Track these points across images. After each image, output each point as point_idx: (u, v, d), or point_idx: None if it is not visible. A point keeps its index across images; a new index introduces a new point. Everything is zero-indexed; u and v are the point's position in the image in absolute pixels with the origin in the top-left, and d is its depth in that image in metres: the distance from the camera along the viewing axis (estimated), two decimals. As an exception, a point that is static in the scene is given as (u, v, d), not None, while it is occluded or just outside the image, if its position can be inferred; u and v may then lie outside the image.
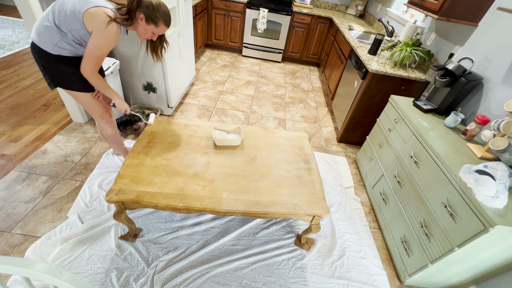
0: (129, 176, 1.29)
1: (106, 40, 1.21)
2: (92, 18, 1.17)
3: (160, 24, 1.26)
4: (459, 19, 1.83)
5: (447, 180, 1.29)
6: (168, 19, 1.29)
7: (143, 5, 1.21)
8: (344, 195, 2.04)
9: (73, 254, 1.41)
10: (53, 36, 1.23)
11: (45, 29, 1.22)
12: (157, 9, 1.22)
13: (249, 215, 1.29)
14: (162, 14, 1.24)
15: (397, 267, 1.59)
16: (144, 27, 1.26)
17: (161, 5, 1.24)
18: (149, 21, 1.24)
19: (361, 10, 4.03)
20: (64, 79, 1.37)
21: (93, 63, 1.25)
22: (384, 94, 2.22)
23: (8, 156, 1.92)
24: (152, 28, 1.27)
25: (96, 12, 1.16)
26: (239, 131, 1.66)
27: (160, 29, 1.29)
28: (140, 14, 1.22)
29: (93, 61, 1.25)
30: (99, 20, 1.16)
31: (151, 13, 1.22)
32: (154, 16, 1.23)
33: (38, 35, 1.24)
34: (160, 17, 1.24)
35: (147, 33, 1.30)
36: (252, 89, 3.37)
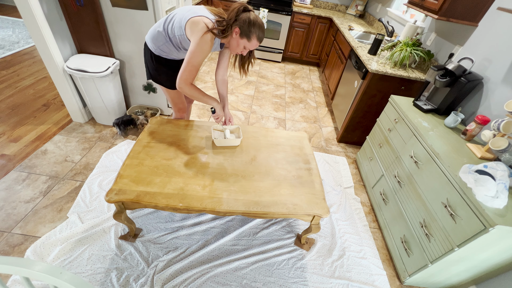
0: (129, 176, 1.29)
1: (200, 48, 1.26)
2: (193, 25, 1.26)
3: (253, 39, 1.30)
4: (459, 19, 1.83)
5: (447, 180, 1.29)
6: (261, 35, 1.31)
7: (241, 20, 1.25)
8: (344, 195, 2.04)
9: (73, 254, 1.41)
10: (159, 40, 1.39)
11: (156, 33, 1.39)
12: (253, 24, 1.26)
13: (249, 215, 1.29)
14: (256, 29, 1.27)
15: (397, 267, 1.59)
16: (237, 41, 1.31)
17: (257, 21, 1.27)
18: (243, 35, 1.28)
19: (361, 10, 4.03)
20: (157, 75, 1.56)
21: (188, 71, 1.31)
22: (384, 94, 2.22)
23: (8, 156, 1.92)
24: (245, 43, 1.31)
25: (197, 20, 1.25)
26: (238, 131, 1.66)
27: (251, 44, 1.32)
28: (235, 28, 1.27)
29: (188, 69, 1.30)
30: (197, 28, 1.25)
31: (247, 28, 1.26)
32: (248, 31, 1.27)
33: (150, 36, 1.43)
34: (254, 33, 1.27)
35: (239, 47, 1.34)
36: (252, 89, 3.37)
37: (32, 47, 3.50)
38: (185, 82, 1.33)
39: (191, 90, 1.37)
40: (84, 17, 1.91)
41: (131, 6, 1.87)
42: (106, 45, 2.07)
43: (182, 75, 1.31)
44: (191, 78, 1.33)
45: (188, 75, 1.32)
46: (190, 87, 1.36)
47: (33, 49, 3.47)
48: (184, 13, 1.29)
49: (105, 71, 1.97)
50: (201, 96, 1.43)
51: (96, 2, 1.84)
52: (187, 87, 1.35)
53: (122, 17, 1.94)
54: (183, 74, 1.31)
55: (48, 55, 1.89)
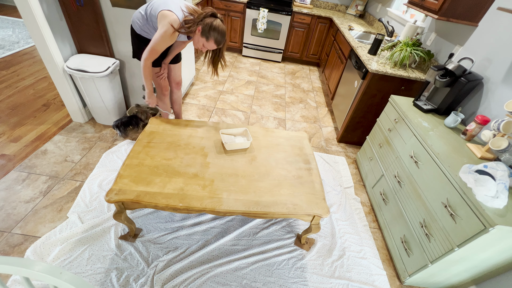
0: (129, 176, 1.29)
1: (161, 39, 1.49)
2: (161, 17, 1.46)
3: (211, 41, 1.51)
4: (459, 19, 1.83)
5: (447, 180, 1.29)
6: (219, 39, 1.51)
7: (205, 22, 1.47)
8: (344, 195, 2.04)
9: (73, 254, 1.41)
10: (141, 21, 1.60)
11: (139, 15, 1.60)
12: (213, 29, 1.47)
13: (249, 215, 1.29)
14: (215, 33, 1.48)
15: (397, 267, 1.59)
16: (198, 38, 1.52)
17: (219, 27, 1.48)
18: (203, 35, 1.48)
19: (361, 10, 4.03)
20: (139, 53, 1.72)
21: (149, 53, 1.54)
22: (384, 94, 2.22)
23: (8, 156, 1.92)
24: (203, 41, 1.51)
25: (165, 14, 1.45)
26: (246, 134, 1.66)
27: (209, 44, 1.53)
28: (198, 27, 1.48)
29: (149, 51, 1.53)
30: (163, 22, 1.45)
31: (207, 30, 1.47)
32: (208, 33, 1.47)
33: (135, 17, 1.63)
34: (212, 36, 1.48)
35: (199, 44, 1.54)
36: (252, 89, 3.37)
37: (32, 47, 3.50)
38: (145, 61, 1.57)
39: (145, 68, 1.61)
40: (84, 17, 1.91)
41: (131, 6, 1.87)
42: (106, 45, 2.07)
43: (145, 54, 1.55)
44: (150, 58, 1.57)
45: (149, 56, 1.55)
46: (147, 67, 1.61)
47: (33, 49, 3.47)
48: (159, 3, 1.49)
49: (105, 71, 1.97)
50: (147, 77, 1.66)
51: (96, 2, 1.84)
52: (145, 66, 1.60)
53: (122, 17, 1.94)
54: (145, 53, 1.55)
55: (48, 55, 1.89)
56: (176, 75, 2.05)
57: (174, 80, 2.07)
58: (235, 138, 1.67)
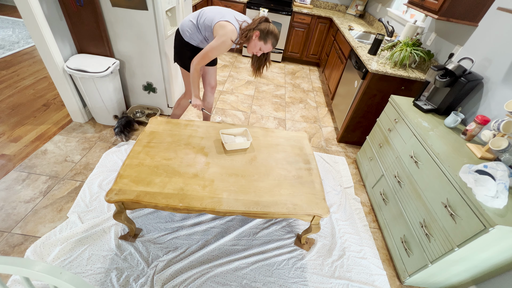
0: (129, 176, 1.29)
1: (218, 48, 1.57)
2: (219, 28, 1.54)
3: (268, 43, 1.58)
4: (459, 19, 1.83)
5: (447, 180, 1.29)
6: (275, 42, 1.60)
7: (261, 26, 1.55)
8: (344, 195, 2.04)
9: (73, 254, 1.41)
10: (192, 29, 1.66)
11: (189, 23, 1.66)
12: (271, 32, 1.56)
13: (249, 215, 1.29)
14: (272, 37, 1.57)
15: (397, 267, 1.59)
16: (255, 43, 1.59)
17: (274, 31, 1.57)
18: (261, 38, 1.56)
19: (361, 10, 4.03)
20: (182, 59, 1.81)
21: (201, 58, 1.61)
22: (384, 94, 2.22)
23: (8, 156, 1.92)
24: (261, 45, 1.59)
25: (223, 25, 1.53)
26: (246, 134, 1.66)
27: (266, 47, 1.60)
28: (256, 32, 1.55)
29: (202, 57, 1.61)
30: (222, 31, 1.53)
31: (265, 33, 1.55)
32: (266, 36, 1.56)
33: (182, 24, 1.70)
34: (270, 38, 1.57)
35: (256, 48, 1.61)
36: (252, 89, 3.37)
37: (32, 47, 3.50)
38: (195, 65, 1.65)
39: (194, 73, 1.70)
40: (84, 17, 1.91)
41: (131, 6, 1.87)
42: (106, 45, 2.07)
43: (196, 59, 1.63)
44: (201, 64, 1.65)
45: (201, 61, 1.63)
46: (196, 70, 1.69)
47: (33, 49, 3.47)
48: (214, 14, 1.58)
49: (105, 71, 1.97)
50: (195, 82, 1.75)
51: (96, 2, 1.84)
52: (194, 70, 1.68)
53: (122, 17, 1.94)
54: (197, 58, 1.63)
55: (48, 55, 1.89)
56: (212, 78, 2.08)
57: (209, 84, 2.10)
58: (235, 138, 1.67)
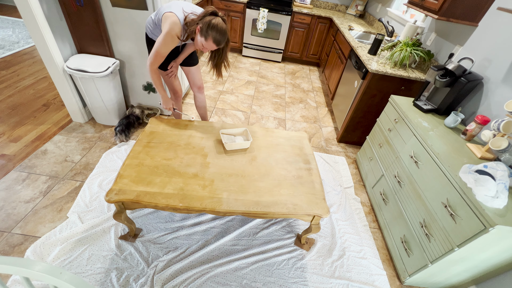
0: (129, 176, 1.29)
1: (165, 42, 1.47)
2: (164, 20, 1.47)
3: (209, 40, 1.45)
4: (459, 19, 1.83)
5: (447, 180, 1.29)
6: (218, 38, 1.45)
7: (204, 21, 1.43)
8: (344, 195, 2.04)
9: (73, 254, 1.41)
10: (152, 25, 1.61)
11: (150, 19, 1.62)
12: (211, 27, 1.41)
13: (249, 215, 1.29)
14: (214, 32, 1.42)
15: (397, 267, 1.59)
16: (197, 38, 1.49)
17: (218, 26, 1.42)
18: (202, 34, 1.44)
19: (361, 10, 4.03)
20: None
21: (153, 57, 1.52)
22: (384, 94, 2.22)
23: (8, 156, 1.92)
24: (202, 41, 1.46)
25: (167, 16, 1.45)
26: (246, 134, 1.66)
27: (208, 44, 1.47)
28: (197, 27, 1.44)
29: (154, 56, 1.52)
30: (165, 24, 1.45)
31: (205, 29, 1.42)
32: (206, 32, 1.42)
33: (147, 22, 1.64)
34: (211, 35, 1.43)
35: (198, 44, 1.50)
36: (252, 89, 3.36)
37: (32, 47, 3.50)
38: (150, 66, 1.56)
39: (153, 74, 1.60)
40: (84, 17, 1.91)
41: (131, 6, 1.87)
42: (106, 45, 2.07)
43: (149, 59, 1.54)
44: (156, 63, 1.55)
45: (154, 60, 1.53)
46: (154, 72, 1.59)
47: (33, 49, 3.47)
48: (165, 6, 1.50)
49: (105, 71, 1.97)
50: (157, 84, 1.66)
51: (96, 2, 1.84)
52: (151, 71, 1.58)
53: (122, 17, 1.94)
54: (150, 58, 1.53)
55: (48, 55, 1.89)
56: (196, 79, 2.01)
57: (195, 84, 2.04)
58: (235, 138, 1.67)
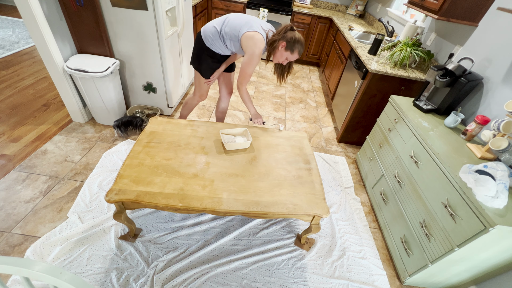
0: (129, 176, 1.29)
1: (253, 61, 1.57)
2: (248, 40, 1.53)
3: (295, 53, 1.57)
4: (459, 19, 1.83)
5: (447, 180, 1.29)
6: (301, 51, 1.58)
7: (287, 36, 1.52)
8: (344, 195, 2.04)
9: (73, 254, 1.41)
10: (214, 35, 1.63)
11: (213, 29, 1.63)
12: (297, 41, 1.53)
13: (249, 215, 1.29)
14: (299, 46, 1.54)
15: (397, 267, 1.59)
16: (281, 53, 1.57)
17: (301, 40, 1.54)
18: (287, 49, 1.54)
19: (361, 10, 4.03)
20: (200, 63, 1.80)
21: (242, 78, 1.65)
22: (384, 94, 2.22)
23: (8, 156, 1.92)
24: (288, 55, 1.57)
25: (251, 36, 1.52)
26: (246, 134, 1.66)
27: (293, 56, 1.59)
28: (282, 42, 1.53)
29: (243, 77, 1.64)
30: (251, 43, 1.52)
31: (292, 43, 1.52)
32: (293, 46, 1.53)
33: (205, 30, 1.66)
34: (297, 48, 1.55)
35: (282, 58, 1.60)
36: (252, 89, 3.36)
37: (32, 47, 3.50)
38: (241, 85, 1.69)
39: (243, 93, 1.73)
40: (84, 17, 1.91)
41: (131, 6, 1.87)
42: (106, 45, 2.07)
43: (239, 80, 1.67)
44: (245, 82, 1.68)
45: (243, 80, 1.66)
46: (244, 91, 1.72)
47: (33, 49, 3.47)
48: (241, 23, 1.55)
49: (105, 71, 1.97)
50: (247, 101, 1.78)
51: (96, 2, 1.84)
52: (242, 91, 1.72)
53: (122, 17, 1.94)
54: (239, 79, 1.66)
55: (48, 55, 1.89)
56: (230, 84, 2.08)
57: (227, 89, 2.10)
58: (235, 138, 1.67)
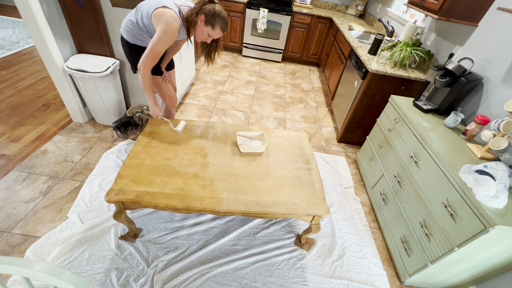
0: (129, 176, 1.29)
1: (162, 39, 1.36)
2: (158, 16, 1.35)
3: (217, 28, 1.40)
4: (459, 19, 1.83)
5: (447, 180, 1.29)
6: (224, 25, 1.41)
7: (206, 9, 1.36)
8: (344, 195, 2.04)
9: (73, 254, 1.41)
10: (133, 28, 1.48)
11: (128, 22, 1.48)
12: (217, 15, 1.36)
13: (249, 215, 1.29)
14: (220, 19, 1.38)
15: (397, 267, 1.59)
16: (202, 29, 1.40)
17: (222, 13, 1.38)
18: (207, 23, 1.37)
19: (361, 10, 4.03)
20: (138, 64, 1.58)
21: (148, 57, 1.40)
22: (384, 94, 2.22)
23: (8, 156, 1.92)
24: (209, 30, 1.40)
25: (161, 11, 1.34)
26: (263, 138, 1.65)
27: (215, 33, 1.42)
28: (201, 16, 1.36)
29: (148, 56, 1.40)
30: (162, 19, 1.33)
31: (211, 17, 1.36)
32: (213, 20, 1.37)
33: (124, 27, 1.51)
34: (218, 22, 1.38)
35: (204, 35, 1.43)
36: (252, 89, 3.37)
37: (32, 47, 3.50)
38: (145, 67, 1.43)
39: (146, 76, 1.46)
40: (84, 17, 1.91)
41: (131, 6, 1.87)
42: (106, 45, 2.07)
43: (144, 59, 1.41)
44: (150, 63, 1.43)
45: (149, 60, 1.42)
46: (147, 76, 1.47)
47: (33, 49, 3.47)
48: (151, 2, 1.38)
49: (105, 71, 1.97)
50: (149, 87, 1.52)
51: (96, 2, 1.84)
52: (145, 71, 1.45)
53: (122, 17, 1.94)
54: (145, 59, 1.41)
55: (48, 55, 1.89)
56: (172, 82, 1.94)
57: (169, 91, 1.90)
58: (251, 141, 1.66)
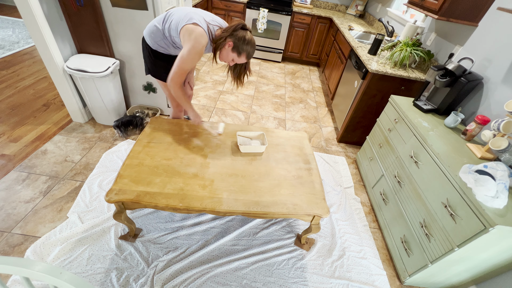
0: (129, 176, 1.29)
1: (191, 56, 1.36)
2: (186, 32, 1.34)
3: (242, 56, 1.41)
4: (459, 19, 1.83)
5: (447, 180, 1.29)
6: (250, 55, 1.42)
7: (237, 36, 1.36)
8: (344, 195, 2.04)
9: (73, 254, 1.41)
10: (157, 35, 1.47)
11: (154, 29, 1.47)
12: (247, 43, 1.37)
13: (249, 215, 1.29)
14: (249, 48, 1.39)
15: (397, 267, 1.59)
16: (227, 53, 1.41)
17: (251, 41, 1.39)
18: (234, 50, 1.38)
19: (361, 10, 4.03)
20: (156, 70, 1.64)
21: (176, 74, 1.42)
22: (384, 94, 2.22)
23: (8, 156, 1.92)
24: (234, 56, 1.41)
25: (191, 29, 1.33)
26: (263, 138, 1.65)
27: (240, 59, 1.43)
28: (229, 41, 1.36)
29: (176, 73, 1.41)
30: (190, 37, 1.33)
31: (240, 44, 1.36)
32: (241, 48, 1.37)
33: (149, 32, 1.50)
34: (246, 50, 1.39)
35: (228, 59, 1.44)
36: (252, 89, 3.36)
37: (32, 47, 3.50)
38: (175, 83, 1.45)
39: (178, 91, 1.48)
40: (84, 17, 1.91)
41: (131, 6, 1.87)
42: (106, 45, 2.07)
43: (173, 77, 1.43)
44: (180, 80, 1.45)
45: (178, 77, 1.43)
46: (178, 89, 1.48)
47: (33, 49, 3.47)
48: (181, 16, 1.38)
49: (105, 71, 1.97)
50: (183, 100, 1.53)
51: (96, 2, 1.84)
52: (175, 88, 1.47)
53: (122, 17, 1.94)
54: (173, 76, 1.42)
55: (48, 55, 1.89)
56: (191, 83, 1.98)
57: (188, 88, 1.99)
58: (251, 141, 1.67)
